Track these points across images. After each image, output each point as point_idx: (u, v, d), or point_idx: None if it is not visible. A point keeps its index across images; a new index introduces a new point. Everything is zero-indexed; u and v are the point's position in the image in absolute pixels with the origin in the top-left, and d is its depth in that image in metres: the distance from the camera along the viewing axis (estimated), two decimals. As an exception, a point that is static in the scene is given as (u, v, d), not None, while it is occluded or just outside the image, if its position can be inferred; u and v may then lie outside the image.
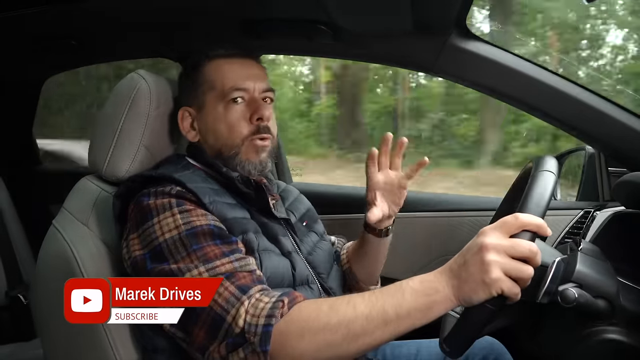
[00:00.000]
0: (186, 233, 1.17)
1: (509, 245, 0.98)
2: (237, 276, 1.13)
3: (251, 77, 1.45)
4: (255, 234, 1.30)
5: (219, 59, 1.46)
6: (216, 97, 1.42)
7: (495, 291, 0.96)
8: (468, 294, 0.98)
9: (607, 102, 1.77)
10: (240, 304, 1.07)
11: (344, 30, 1.78)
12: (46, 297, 1.37)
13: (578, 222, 1.98)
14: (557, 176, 1.13)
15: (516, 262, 0.97)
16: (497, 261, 0.96)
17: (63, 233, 1.34)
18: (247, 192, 1.37)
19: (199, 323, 1.10)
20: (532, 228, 1.00)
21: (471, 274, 0.98)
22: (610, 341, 1.08)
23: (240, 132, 1.41)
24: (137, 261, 1.19)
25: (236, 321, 1.06)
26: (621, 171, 1.90)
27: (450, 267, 1.03)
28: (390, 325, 1.01)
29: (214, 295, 1.09)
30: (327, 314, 1.04)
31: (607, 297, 1.07)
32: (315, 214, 1.70)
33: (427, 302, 1.01)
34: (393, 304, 1.02)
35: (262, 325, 1.04)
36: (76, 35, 2.03)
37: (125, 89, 1.42)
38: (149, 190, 1.26)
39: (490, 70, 1.81)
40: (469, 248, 1.02)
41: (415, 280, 1.04)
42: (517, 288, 0.97)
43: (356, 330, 1.02)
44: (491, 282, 0.96)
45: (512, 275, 0.96)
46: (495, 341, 1.60)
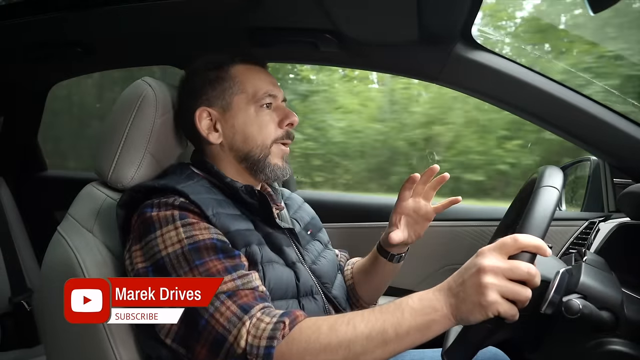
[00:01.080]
0: (189, 247, 1.17)
1: (507, 268, 0.98)
2: (239, 294, 1.13)
3: (276, 85, 1.48)
4: (258, 245, 1.30)
5: (244, 64, 1.46)
6: (247, 100, 1.43)
7: (491, 313, 0.97)
8: (465, 314, 0.99)
9: (613, 113, 1.77)
10: (242, 324, 1.08)
11: (349, 39, 1.78)
12: (50, 304, 1.37)
13: (583, 233, 1.97)
14: (561, 190, 1.13)
15: (514, 285, 0.98)
16: (494, 284, 0.97)
17: (68, 240, 1.35)
18: (252, 202, 1.36)
19: (201, 341, 1.11)
20: (531, 249, 1.00)
21: (468, 295, 0.99)
22: (614, 352, 1.07)
23: (270, 134, 1.44)
24: (139, 274, 1.20)
25: (238, 342, 1.07)
26: (626, 182, 1.89)
27: (449, 286, 1.04)
28: (390, 344, 1.03)
29: (215, 314, 1.10)
30: (327, 335, 1.06)
31: (612, 309, 1.07)
32: (319, 222, 1.70)
33: (426, 321, 1.02)
34: (393, 323, 1.03)
35: (264, 347, 1.05)
36: (82, 42, 2.03)
37: (131, 96, 1.42)
38: (152, 202, 1.26)
39: (496, 80, 1.81)
40: (467, 268, 1.02)
41: (415, 299, 1.05)
42: (514, 310, 0.97)
43: (356, 350, 1.03)
44: (487, 304, 0.97)
45: (509, 297, 0.97)
46: (499, 352, 1.59)
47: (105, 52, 2.15)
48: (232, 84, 1.43)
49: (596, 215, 2.03)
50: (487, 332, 0.99)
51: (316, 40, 1.84)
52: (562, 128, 1.84)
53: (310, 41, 1.85)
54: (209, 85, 1.44)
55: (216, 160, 1.45)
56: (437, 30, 1.70)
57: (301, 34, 1.83)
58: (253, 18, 1.78)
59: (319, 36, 1.82)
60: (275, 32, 1.85)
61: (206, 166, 1.43)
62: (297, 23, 1.80)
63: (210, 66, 1.45)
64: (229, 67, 1.45)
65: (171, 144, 1.50)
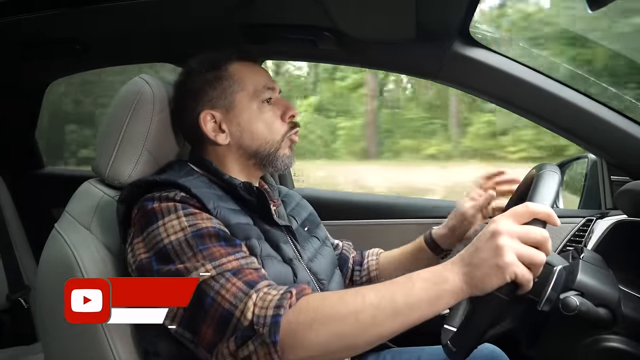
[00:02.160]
0: (192, 234, 1.17)
1: (522, 231, 0.99)
2: (244, 272, 1.13)
3: (271, 78, 1.48)
4: (258, 240, 1.30)
5: (240, 61, 1.46)
6: (248, 97, 1.43)
7: (509, 276, 0.96)
8: (481, 280, 0.98)
9: (611, 110, 1.77)
10: (249, 298, 1.07)
11: (348, 36, 1.79)
12: (47, 301, 1.37)
13: (580, 230, 1.98)
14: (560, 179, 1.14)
15: (529, 248, 0.98)
16: (511, 245, 0.97)
17: (65, 237, 1.34)
18: (250, 199, 1.36)
19: (207, 320, 1.09)
20: (542, 217, 1.01)
21: (484, 259, 0.98)
22: (611, 350, 1.07)
23: (278, 131, 1.45)
24: (142, 264, 1.19)
25: (245, 314, 1.05)
26: (623, 179, 1.90)
27: (461, 256, 1.03)
28: (399, 315, 1.01)
29: (221, 291, 1.09)
30: (335, 304, 1.04)
31: (609, 306, 1.07)
32: (317, 218, 1.70)
33: (437, 291, 1.01)
34: (403, 293, 1.02)
35: (270, 316, 1.03)
36: (80, 39, 2.03)
37: (129, 93, 1.42)
38: (152, 195, 1.25)
39: (494, 77, 1.81)
40: (480, 236, 1.02)
41: (425, 271, 1.04)
42: (529, 275, 0.97)
43: (366, 320, 1.01)
44: (505, 265, 0.96)
45: (525, 260, 0.97)
46: (497, 349, 1.59)
47: (102, 49, 2.15)
48: (232, 82, 1.43)
49: (593, 213, 2.03)
50: (499, 306, 0.98)
51: (314, 38, 1.84)
52: (559, 125, 1.85)
53: (308, 38, 1.85)
54: (208, 86, 1.43)
55: (221, 159, 1.45)
56: (435, 28, 1.70)
57: (299, 31, 1.84)
58: (250, 15, 1.78)
59: (318, 33, 1.82)
60: (273, 29, 1.85)
61: (204, 163, 1.43)
62: (295, 20, 1.81)
63: (207, 66, 1.44)
64: (227, 66, 1.44)
65: (169, 142, 1.50)
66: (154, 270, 1.16)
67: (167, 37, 2.01)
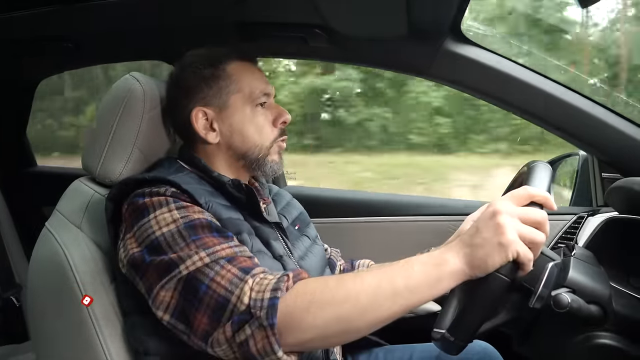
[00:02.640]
0: (184, 225, 1.16)
1: (522, 211, 0.99)
2: (238, 259, 1.12)
3: (268, 82, 1.48)
4: (249, 235, 1.29)
5: (239, 61, 1.45)
6: (243, 99, 1.42)
7: (511, 254, 0.96)
8: (483, 259, 0.98)
9: (601, 108, 1.78)
10: (244, 283, 1.06)
11: (339, 33, 1.78)
12: (39, 300, 1.37)
13: (571, 228, 1.98)
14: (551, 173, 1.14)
15: (529, 227, 0.98)
16: (512, 224, 0.97)
17: (56, 235, 1.34)
18: (239, 196, 1.36)
19: (202, 308, 1.07)
20: (540, 200, 1.02)
21: (486, 238, 0.98)
22: (602, 346, 1.08)
23: (269, 136, 1.45)
24: (134, 258, 1.17)
25: (241, 299, 1.04)
26: (614, 177, 1.90)
27: (460, 239, 1.03)
28: (399, 297, 1.00)
29: (216, 278, 1.08)
30: (334, 287, 1.04)
31: (600, 302, 1.08)
32: (307, 217, 1.70)
33: (437, 273, 1.00)
34: (402, 276, 1.01)
35: (267, 299, 1.02)
36: (71, 37, 2.02)
37: (119, 91, 1.41)
38: (143, 191, 1.24)
39: (485, 75, 1.82)
40: (480, 218, 1.02)
41: (425, 254, 1.04)
42: (530, 254, 0.97)
43: (364, 303, 1.01)
44: (508, 243, 0.96)
45: (526, 239, 0.97)
46: (489, 346, 1.60)
47: (94, 47, 2.14)
48: (228, 83, 1.42)
49: (585, 210, 2.04)
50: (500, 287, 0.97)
51: (305, 35, 1.84)
52: (550, 123, 1.85)
53: (299, 36, 1.85)
54: (204, 83, 1.41)
55: (210, 157, 1.45)
56: (426, 25, 1.70)
57: (290, 28, 1.84)
58: (241, 12, 1.77)
59: (308, 31, 1.82)
60: (264, 26, 1.84)
61: (194, 160, 1.42)
62: (286, 17, 1.80)
63: (205, 63, 1.43)
64: (225, 65, 1.43)
65: (159, 140, 1.49)
66: (147, 262, 1.14)
67: (158, 35, 2.01)
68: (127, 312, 1.30)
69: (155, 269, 1.13)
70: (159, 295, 1.12)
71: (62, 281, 1.29)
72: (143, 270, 1.16)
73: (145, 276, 1.15)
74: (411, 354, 1.64)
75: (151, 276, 1.14)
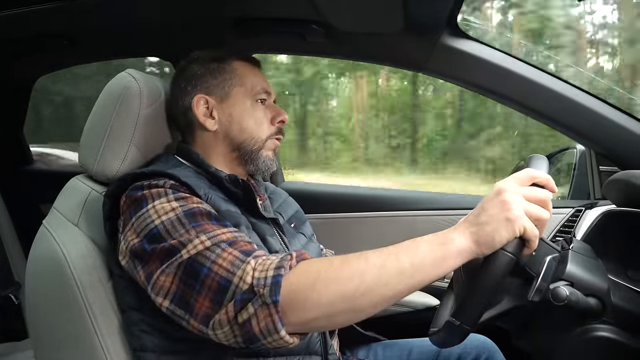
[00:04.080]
0: (183, 213, 1.15)
1: (526, 190, 1.01)
2: (239, 243, 1.11)
3: (269, 85, 1.53)
4: (247, 228, 1.30)
5: (244, 61, 1.51)
6: (245, 93, 1.47)
7: (518, 229, 0.96)
8: (491, 235, 0.98)
9: (598, 101, 1.78)
10: (247, 264, 1.05)
11: (336, 29, 1.78)
12: (37, 297, 1.36)
13: (569, 221, 1.98)
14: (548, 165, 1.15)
15: (534, 204, 1.00)
16: (518, 200, 0.98)
17: (53, 233, 1.34)
18: (235, 191, 1.36)
19: (203, 291, 1.07)
20: (541, 181, 1.04)
21: (492, 215, 0.99)
22: (601, 339, 1.08)
23: (265, 130, 1.49)
24: (135, 248, 1.17)
25: (244, 279, 1.03)
26: (612, 169, 1.90)
27: (465, 219, 1.04)
28: (404, 275, 1.00)
29: (217, 260, 1.07)
30: (338, 266, 1.03)
31: (598, 295, 1.07)
32: (303, 216, 1.70)
33: (443, 251, 1.00)
34: (407, 254, 1.01)
35: (271, 277, 1.01)
36: (68, 34, 2.02)
37: (115, 88, 1.41)
38: (141, 184, 1.24)
39: (482, 69, 1.82)
40: (485, 199, 1.03)
41: (430, 234, 1.04)
42: (536, 230, 0.98)
43: (370, 281, 1.00)
44: (515, 218, 0.97)
45: (531, 215, 0.98)
46: (487, 339, 1.60)
47: (90, 44, 2.14)
48: (232, 76, 1.47)
49: (582, 203, 2.04)
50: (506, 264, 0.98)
51: (302, 31, 1.84)
52: (548, 116, 1.85)
53: (296, 31, 1.85)
54: (209, 74, 1.47)
55: (207, 148, 1.46)
56: (423, 20, 1.70)
57: (287, 24, 1.84)
58: (239, 8, 1.77)
59: (305, 26, 1.82)
60: (262, 22, 1.84)
61: (191, 156, 1.43)
62: (283, 13, 1.80)
63: (211, 57, 1.49)
64: (231, 61, 1.49)
65: (156, 137, 1.49)
66: (148, 251, 1.14)
67: (156, 32, 2.01)
68: (125, 308, 1.30)
69: (157, 256, 1.13)
70: (159, 281, 1.11)
71: (60, 279, 1.29)
72: (145, 259, 1.15)
73: (147, 264, 1.14)
74: (410, 349, 1.64)
75: (153, 263, 1.13)
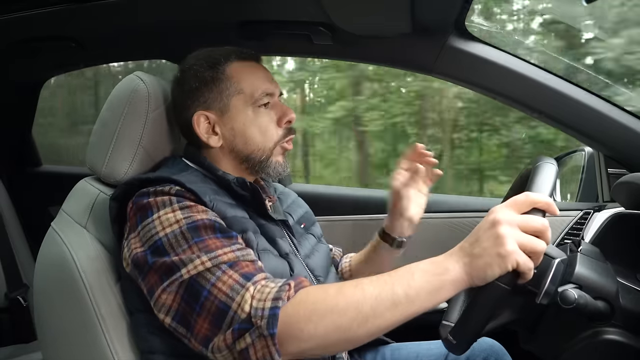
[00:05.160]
0: (187, 227, 1.16)
1: (522, 220, 0.98)
2: (240, 265, 1.12)
3: (272, 80, 1.46)
4: (254, 233, 1.29)
5: (239, 61, 1.44)
6: (244, 101, 1.40)
7: (510, 264, 0.95)
8: (483, 269, 0.98)
9: (607, 103, 1.77)
10: (246, 290, 1.06)
11: (343, 31, 1.78)
12: (45, 299, 1.37)
13: (577, 223, 1.98)
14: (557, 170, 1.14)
15: (530, 236, 0.97)
16: (512, 234, 0.96)
17: (62, 235, 1.34)
18: (244, 194, 1.36)
19: (203, 314, 1.08)
20: (542, 206, 1.01)
21: (485, 248, 0.98)
22: (610, 342, 1.08)
23: (272, 137, 1.43)
24: (138, 258, 1.18)
25: (242, 307, 1.04)
26: (620, 172, 1.90)
27: (460, 247, 1.03)
28: (399, 306, 1.00)
29: (217, 284, 1.08)
30: (335, 297, 1.03)
31: (607, 298, 1.07)
32: (312, 216, 1.70)
33: (437, 282, 1.00)
34: (402, 284, 1.01)
35: (268, 309, 1.02)
36: (75, 36, 2.03)
37: (123, 91, 1.42)
38: (147, 190, 1.25)
39: (489, 71, 1.81)
40: (480, 226, 1.02)
41: (425, 262, 1.04)
42: (530, 263, 0.97)
43: (365, 312, 1.01)
44: (507, 254, 0.95)
45: (526, 249, 0.96)
46: (496, 343, 1.60)
47: (98, 46, 2.14)
48: (228, 85, 1.40)
49: (591, 206, 2.03)
50: (499, 295, 0.98)
51: (310, 33, 1.84)
52: (556, 119, 1.84)
53: (303, 34, 1.85)
54: (204, 86, 1.40)
55: (214, 159, 1.44)
56: (430, 22, 1.70)
57: (294, 26, 1.83)
58: (246, 11, 1.77)
59: (313, 29, 1.82)
60: (269, 24, 1.84)
61: (199, 159, 1.42)
62: (290, 16, 1.80)
63: (205, 65, 1.42)
64: (225, 66, 1.41)
65: (164, 138, 1.49)
66: (149, 263, 1.15)
67: (162, 34, 2.01)
68: (133, 310, 1.30)
69: (156, 271, 1.14)
70: (161, 298, 1.13)
71: (68, 281, 1.30)
72: (145, 272, 1.16)
73: (147, 277, 1.16)
74: (418, 352, 1.64)
75: (152, 278, 1.15)
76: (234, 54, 1.44)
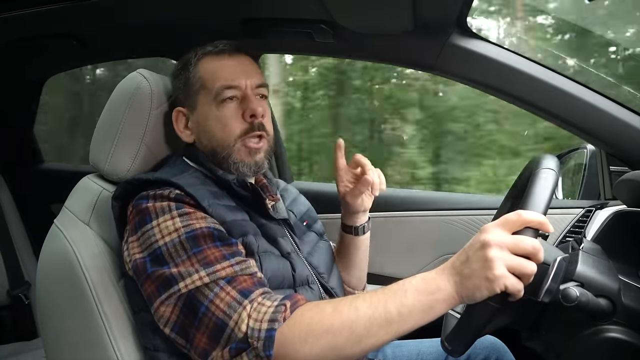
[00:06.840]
0: (186, 236, 1.17)
1: (512, 242, 0.97)
2: (238, 280, 1.13)
3: (242, 73, 1.42)
4: (254, 236, 1.30)
5: (208, 57, 1.44)
6: (208, 96, 1.40)
7: (498, 288, 0.95)
8: (471, 291, 0.98)
9: (609, 101, 1.77)
10: (243, 309, 1.08)
11: (345, 29, 1.78)
12: (48, 297, 1.37)
13: (579, 221, 1.97)
14: (557, 174, 1.13)
15: (519, 259, 0.97)
16: (501, 257, 0.96)
17: (64, 232, 1.35)
18: (244, 194, 1.36)
19: (201, 328, 1.10)
20: (535, 225, 1.00)
21: (474, 270, 0.98)
22: (611, 340, 1.07)
23: (233, 131, 1.39)
24: (137, 264, 1.20)
25: (239, 326, 1.06)
26: (622, 170, 1.89)
27: (452, 264, 1.03)
28: (393, 325, 1.02)
29: (215, 300, 1.10)
30: (330, 317, 1.05)
31: (609, 296, 1.07)
32: (314, 213, 1.70)
33: (430, 300, 1.01)
34: (396, 303, 1.02)
35: (265, 330, 1.04)
36: (76, 34, 2.03)
37: (126, 88, 1.42)
38: (147, 193, 1.26)
39: (491, 68, 1.81)
40: (471, 245, 1.01)
41: (418, 279, 1.04)
42: (520, 285, 0.96)
43: (360, 332, 1.02)
44: (495, 278, 0.95)
45: (515, 271, 0.96)
46: (497, 340, 1.60)
47: (100, 44, 2.14)
48: (195, 81, 1.42)
49: (593, 203, 2.03)
50: (490, 313, 0.99)
51: (311, 31, 1.84)
52: (558, 116, 1.84)
53: (305, 32, 1.85)
54: (181, 85, 1.45)
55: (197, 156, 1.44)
56: (432, 20, 1.69)
57: (296, 24, 1.83)
58: (247, 8, 1.77)
59: (314, 27, 1.81)
60: (270, 22, 1.84)
61: (199, 158, 1.42)
62: (292, 13, 1.80)
63: (181, 66, 1.46)
64: (193, 65, 1.43)
65: (167, 136, 1.50)
66: (149, 272, 1.17)
67: (165, 32, 2.01)
68: (136, 309, 1.31)
69: (154, 281, 1.16)
70: (159, 310, 1.16)
71: (71, 278, 1.30)
72: (143, 279, 1.19)
73: (145, 285, 1.18)
74: (419, 349, 1.64)
75: (150, 287, 1.17)
76: (200, 52, 1.45)
